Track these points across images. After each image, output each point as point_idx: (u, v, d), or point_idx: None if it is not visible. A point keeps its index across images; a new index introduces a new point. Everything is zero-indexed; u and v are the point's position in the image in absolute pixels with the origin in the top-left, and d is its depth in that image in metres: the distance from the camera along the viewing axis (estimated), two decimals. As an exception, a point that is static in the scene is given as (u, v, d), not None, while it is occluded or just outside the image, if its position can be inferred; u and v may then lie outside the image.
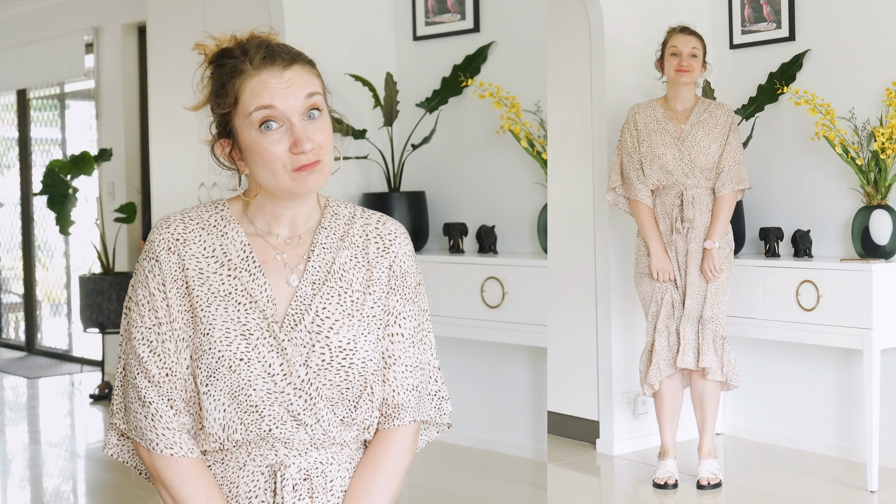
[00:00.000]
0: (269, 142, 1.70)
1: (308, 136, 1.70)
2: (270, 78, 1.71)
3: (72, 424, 6.62)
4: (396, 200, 5.13)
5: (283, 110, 1.70)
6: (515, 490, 4.62)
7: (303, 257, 1.80)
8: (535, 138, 4.80)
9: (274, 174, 1.72)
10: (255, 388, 1.70)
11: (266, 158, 1.71)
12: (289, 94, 1.70)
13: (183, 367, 1.74)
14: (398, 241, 1.84)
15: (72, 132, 8.46)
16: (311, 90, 1.73)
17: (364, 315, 1.78)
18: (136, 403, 1.75)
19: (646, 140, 4.38)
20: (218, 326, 1.72)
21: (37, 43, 8.16)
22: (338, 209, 1.85)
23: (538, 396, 4.93)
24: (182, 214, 1.80)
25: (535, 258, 4.73)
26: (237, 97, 1.73)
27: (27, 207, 8.92)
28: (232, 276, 1.76)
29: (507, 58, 5.02)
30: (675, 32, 4.43)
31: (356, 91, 5.13)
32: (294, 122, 1.70)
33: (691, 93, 4.44)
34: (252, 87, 1.71)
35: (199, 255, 1.77)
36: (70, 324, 8.49)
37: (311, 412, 1.72)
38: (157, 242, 1.77)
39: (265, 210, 1.79)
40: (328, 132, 1.75)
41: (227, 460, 1.75)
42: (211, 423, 1.71)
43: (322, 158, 1.73)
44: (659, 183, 4.36)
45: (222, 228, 1.79)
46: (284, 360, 1.72)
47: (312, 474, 1.75)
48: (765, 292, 4.59)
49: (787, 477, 4.52)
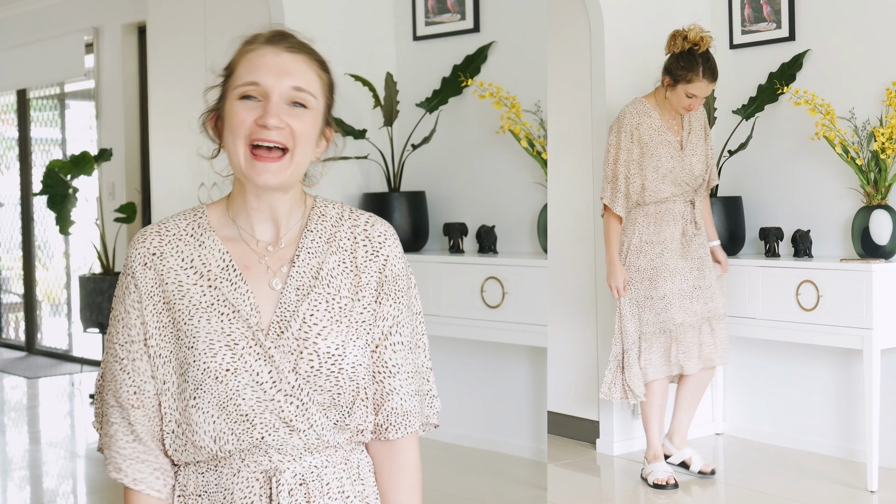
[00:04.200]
0: (241, 107, 1.69)
1: (278, 115, 1.68)
2: (267, 55, 1.71)
3: (72, 424, 6.62)
4: (396, 200, 5.13)
5: (265, 87, 1.69)
6: (515, 490, 4.62)
7: (286, 261, 1.76)
8: (535, 138, 4.80)
9: (235, 143, 1.69)
10: (245, 398, 1.68)
11: (233, 124, 1.69)
12: (277, 76, 1.69)
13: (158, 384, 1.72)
14: (388, 244, 1.80)
15: (72, 132, 8.46)
16: (301, 83, 1.71)
17: (352, 321, 1.75)
18: (104, 417, 1.76)
19: (653, 154, 4.33)
20: (201, 339, 1.70)
21: (37, 43, 8.16)
22: (325, 210, 1.81)
23: (538, 396, 4.93)
24: (159, 227, 1.77)
25: (535, 258, 4.72)
26: (234, 67, 1.73)
27: (27, 207, 8.92)
28: (212, 287, 1.73)
29: (507, 58, 5.02)
30: (701, 78, 4.24)
31: (356, 91, 5.14)
32: (272, 100, 1.69)
33: None
34: (248, 59, 1.72)
35: (178, 267, 1.74)
36: (70, 324, 8.50)
37: (304, 418, 1.70)
38: (134, 258, 1.75)
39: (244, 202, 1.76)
40: (307, 128, 1.71)
41: (221, 467, 1.73)
42: (201, 436, 1.69)
43: (291, 150, 1.70)
44: (670, 194, 4.36)
45: (199, 238, 1.76)
46: (273, 367, 1.69)
47: (308, 478, 1.73)
48: (765, 292, 4.59)
49: (787, 477, 4.52)
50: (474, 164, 5.15)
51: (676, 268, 4.35)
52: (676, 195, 4.37)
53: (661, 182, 4.33)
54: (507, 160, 5.02)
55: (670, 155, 4.34)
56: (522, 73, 4.92)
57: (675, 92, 4.30)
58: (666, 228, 4.36)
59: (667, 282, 4.34)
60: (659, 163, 4.32)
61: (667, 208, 4.37)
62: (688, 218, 4.39)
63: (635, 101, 4.42)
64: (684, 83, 4.26)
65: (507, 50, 5.02)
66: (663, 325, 4.35)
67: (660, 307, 4.35)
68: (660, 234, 4.36)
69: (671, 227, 4.37)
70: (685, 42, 4.26)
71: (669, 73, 4.31)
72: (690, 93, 4.26)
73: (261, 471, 1.72)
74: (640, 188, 4.33)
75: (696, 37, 4.26)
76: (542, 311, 4.56)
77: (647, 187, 4.32)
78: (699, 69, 4.23)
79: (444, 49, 5.24)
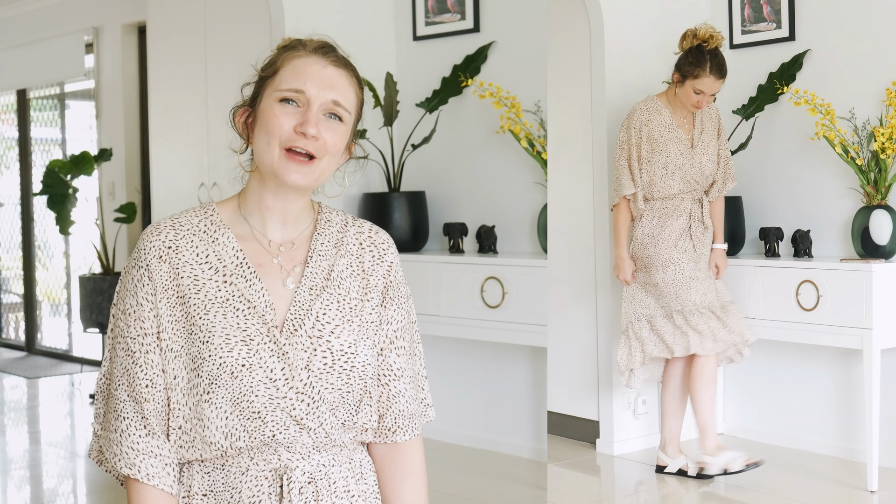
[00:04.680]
0: (282, 111, 1.73)
1: (317, 125, 1.73)
2: (314, 64, 1.75)
3: (72, 424, 6.62)
4: (396, 200, 5.13)
5: (308, 96, 1.73)
6: (515, 490, 4.62)
7: (299, 261, 1.79)
8: (535, 138, 4.80)
9: (269, 144, 1.73)
10: (258, 395, 1.69)
11: (270, 125, 1.72)
12: (322, 87, 1.74)
13: (168, 378, 1.72)
14: (391, 252, 1.86)
15: (72, 132, 8.46)
16: (341, 99, 1.75)
17: (363, 321, 1.78)
18: (112, 414, 1.74)
19: (662, 150, 4.40)
20: (217, 333, 1.70)
21: (37, 43, 8.17)
22: (330, 216, 1.86)
23: (538, 396, 4.93)
24: (172, 221, 1.78)
25: (535, 258, 4.73)
26: (278, 68, 1.76)
27: (27, 207, 8.92)
28: (228, 283, 1.74)
29: (507, 58, 5.02)
30: (708, 73, 4.29)
31: (356, 91, 5.13)
32: (312, 109, 1.73)
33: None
34: (295, 65, 1.75)
35: (193, 262, 1.75)
36: (70, 324, 8.50)
37: (314, 416, 1.71)
38: (148, 250, 1.75)
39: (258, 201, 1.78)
40: (339, 142, 1.77)
41: (229, 466, 1.73)
42: (213, 432, 1.69)
43: (320, 158, 1.74)
44: (679, 191, 4.42)
45: (213, 234, 1.78)
46: (286, 364, 1.70)
47: (316, 477, 1.74)
48: (765, 292, 4.59)
49: (787, 477, 4.52)
50: (474, 164, 5.15)
51: (670, 258, 4.41)
52: (685, 192, 4.43)
53: (670, 178, 4.39)
54: (507, 160, 5.02)
55: (680, 152, 4.40)
56: (522, 73, 4.92)
57: (683, 88, 4.36)
58: (670, 224, 4.41)
59: (658, 271, 4.42)
60: (668, 159, 4.39)
61: (674, 205, 4.43)
62: (695, 216, 4.46)
63: (647, 98, 4.50)
64: (692, 79, 4.32)
65: (507, 50, 5.02)
66: (662, 309, 4.45)
67: (656, 294, 4.46)
68: (663, 229, 4.42)
69: (675, 223, 4.42)
70: (695, 39, 4.34)
71: (679, 70, 4.38)
72: (698, 88, 4.32)
73: (270, 469, 1.72)
74: (648, 183, 4.41)
75: (705, 34, 4.33)
76: (542, 311, 4.56)
77: (656, 182, 4.40)
78: (706, 65, 4.29)
79: (444, 49, 5.24)
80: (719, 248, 4.55)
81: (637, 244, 4.48)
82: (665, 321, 4.44)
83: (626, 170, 4.45)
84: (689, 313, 4.40)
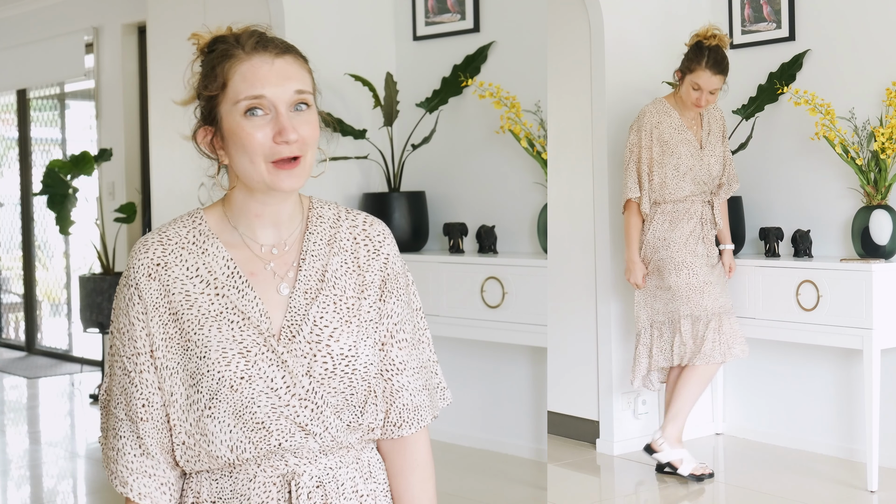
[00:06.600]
0: (253, 126, 1.67)
1: (294, 128, 1.66)
2: (262, 64, 1.69)
3: (72, 424, 6.62)
4: (396, 200, 5.13)
5: (271, 99, 1.67)
6: (515, 490, 4.62)
7: (292, 265, 1.76)
8: (535, 138, 4.80)
9: (253, 162, 1.67)
10: (260, 405, 1.67)
11: (247, 144, 1.67)
12: (279, 84, 1.67)
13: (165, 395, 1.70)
14: (387, 243, 1.81)
15: (72, 132, 8.46)
16: (301, 86, 1.69)
17: (361, 320, 1.76)
18: (111, 432, 1.74)
19: (673, 152, 4.42)
20: (214, 348, 1.68)
21: (37, 43, 8.16)
22: (322, 211, 1.80)
23: (538, 396, 4.93)
24: (160, 235, 1.75)
25: (535, 258, 4.73)
26: (226, 81, 1.70)
27: (27, 207, 8.92)
28: (220, 295, 1.71)
29: (507, 58, 5.02)
30: (704, 67, 4.31)
31: (356, 91, 5.13)
32: (281, 112, 1.67)
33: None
34: (243, 72, 1.68)
35: (184, 276, 1.72)
36: (70, 324, 8.50)
37: (319, 421, 1.70)
38: (137, 269, 1.72)
39: (246, 210, 1.74)
40: (314, 128, 1.71)
41: (236, 473, 1.72)
42: (217, 446, 1.68)
43: (304, 155, 1.69)
44: (689, 193, 4.45)
45: (202, 245, 1.74)
46: (286, 372, 1.69)
47: (324, 480, 1.73)
48: (765, 292, 4.59)
49: (787, 477, 4.52)
50: (474, 164, 5.15)
51: (683, 262, 4.41)
52: (695, 194, 4.46)
53: (682, 180, 4.42)
54: (507, 160, 5.02)
55: (690, 153, 4.43)
56: (522, 73, 4.92)
57: (683, 85, 4.40)
58: (680, 226, 4.43)
59: (672, 274, 4.42)
60: (679, 161, 4.41)
61: (685, 207, 4.45)
62: (706, 217, 4.50)
63: (655, 101, 4.52)
64: (689, 74, 4.36)
65: (507, 50, 5.02)
66: (671, 315, 4.45)
67: (667, 297, 4.45)
68: (674, 232, 4.44)
69: (685, 225, 4.45)
70: (696, 36, 4.38)
71: (679, 67, 4.42)
72: (695, 83, 4.34)
73: (277, 475, 1.71)
74: (659, 185, 4.42)
75: (705, 31, 4.35)
76: (542, 311, 4.56)
77: (667, 184, 4.42)
78: (703, 59, 4.32)
79: (444, 49, 5.24)
80: (728, 249, 4.59)
81: (648, 247, 4.48)
82: (674, 331, 4.44)
83: (633, 173, 4.46)
84: (698, 320, 4.40)
